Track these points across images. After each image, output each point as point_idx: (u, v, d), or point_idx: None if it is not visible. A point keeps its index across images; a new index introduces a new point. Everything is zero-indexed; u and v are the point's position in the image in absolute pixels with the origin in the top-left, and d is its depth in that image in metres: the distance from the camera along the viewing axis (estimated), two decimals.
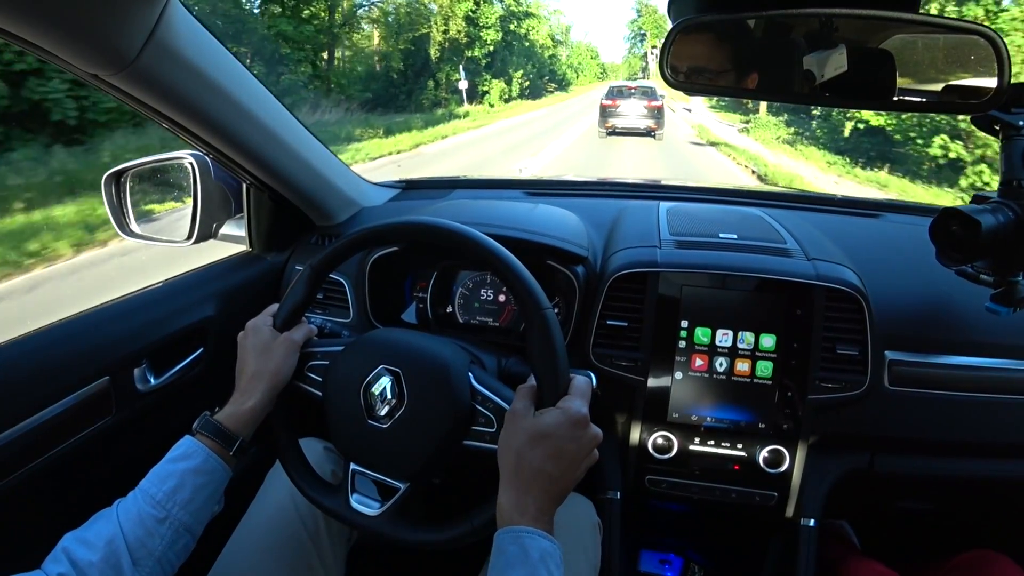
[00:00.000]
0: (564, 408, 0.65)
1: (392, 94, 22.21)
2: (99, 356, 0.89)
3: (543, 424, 0.64)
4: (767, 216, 1.18)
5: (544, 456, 0.63)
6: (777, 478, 0.98)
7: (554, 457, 0.63)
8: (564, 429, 0.64)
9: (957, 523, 1.34)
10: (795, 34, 0.76)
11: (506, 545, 0.60)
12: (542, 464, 0.63)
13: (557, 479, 0.63)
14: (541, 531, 0.61)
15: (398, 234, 0.78)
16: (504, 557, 0.59)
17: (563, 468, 0.63)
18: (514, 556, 0.59)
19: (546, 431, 0.64)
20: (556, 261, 1.05)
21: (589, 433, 0.65)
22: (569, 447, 0.64)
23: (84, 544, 0.60)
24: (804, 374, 0.94)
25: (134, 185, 1.20)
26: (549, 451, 0.63)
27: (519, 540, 0.60)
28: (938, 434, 1.01)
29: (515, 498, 0.63)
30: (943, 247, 0.80)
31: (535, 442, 0.63)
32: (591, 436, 0.66)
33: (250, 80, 0.93)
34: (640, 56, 75.79)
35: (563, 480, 0.64)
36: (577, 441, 0.64)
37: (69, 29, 0.64)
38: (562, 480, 0.64)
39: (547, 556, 0.59)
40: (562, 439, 0.63)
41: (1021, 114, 0.78)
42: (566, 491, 0.65)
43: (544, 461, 0.63)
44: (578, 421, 0.64)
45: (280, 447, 0.79)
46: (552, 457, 0.63)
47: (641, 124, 13.69)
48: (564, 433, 0.64)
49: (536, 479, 0.63)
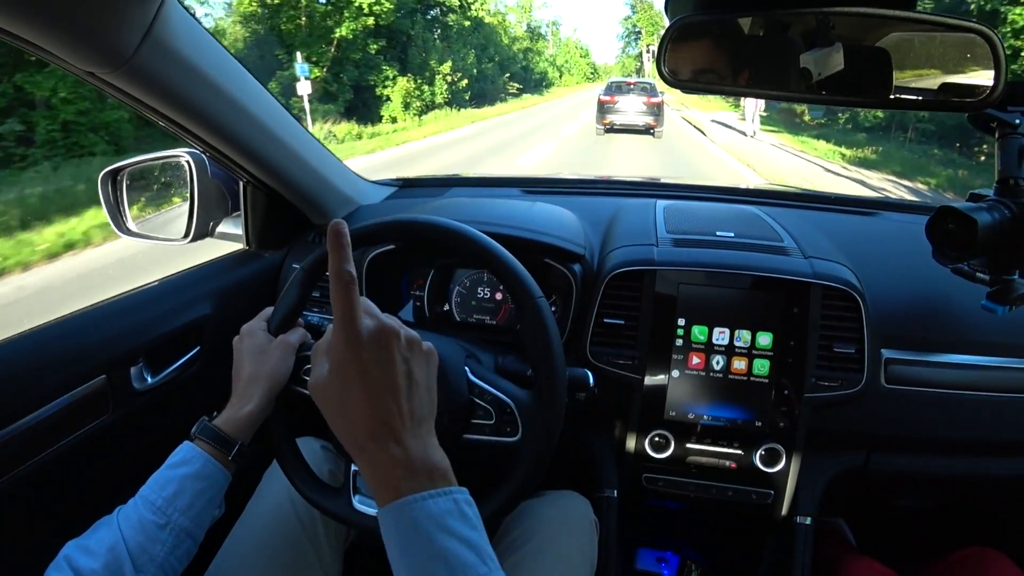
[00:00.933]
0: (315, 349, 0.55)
1: None
2: (95, 354, 0.89)
3: (326, 379, 0.53)
4: (764, 214, 1.18)
5: (352, 399, 0.52)
6: (773, 476, 0.98)
7: (336, 400, 0.53)
8: (327, 362, 0.53)
9: (953, 521, 1.34)
10: (792, 32, 0.76)
11: (391, 528, 0.49)
12: (336, 416, 0.53)
13: (356, 415, 0.51)
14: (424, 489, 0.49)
15: (388, 232, 0.78)
16: (394, 543, 0.49)
17: (350, 399, 0.52)
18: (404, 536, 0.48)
19: (316, 384, 0.54)
20: (553, 259, 1.05)
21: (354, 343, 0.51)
22: (335, 380, 0.52)
23: (86, 552, 0.60)
24: (801, 372, 0.94)
25: (131, 183, 1.19)
26: (329, 398, 0.53)
27: (402, 515, 0.48)
28: (934, 432, 1.01)
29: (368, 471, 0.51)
30: (940, 245, 0.81)
31: (330, 400, 0.53)
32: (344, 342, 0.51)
33: (247, 78, 0.93)
34: (635, 56, 73.21)
35: (362, 410, 0.51)
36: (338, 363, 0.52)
37: (65, 27, 0.63)
38: (360, 410, 0.51)
39: (443, 516, 0.48)
40: (331, 374, 0.53)
41: (1017, 112, 0.78)
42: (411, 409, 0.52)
43: (356, 403, 0.52)
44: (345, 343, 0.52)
45: (279, 452, 0.79)
46: (340, 393, 0.52)
47: (640, 121, 13.53)
48: (330, 366, 0.53)
49: (343, 431, 0.53)
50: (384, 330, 0.53)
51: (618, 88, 13.96)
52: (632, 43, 75.83)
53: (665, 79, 0.76)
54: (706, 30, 0.78)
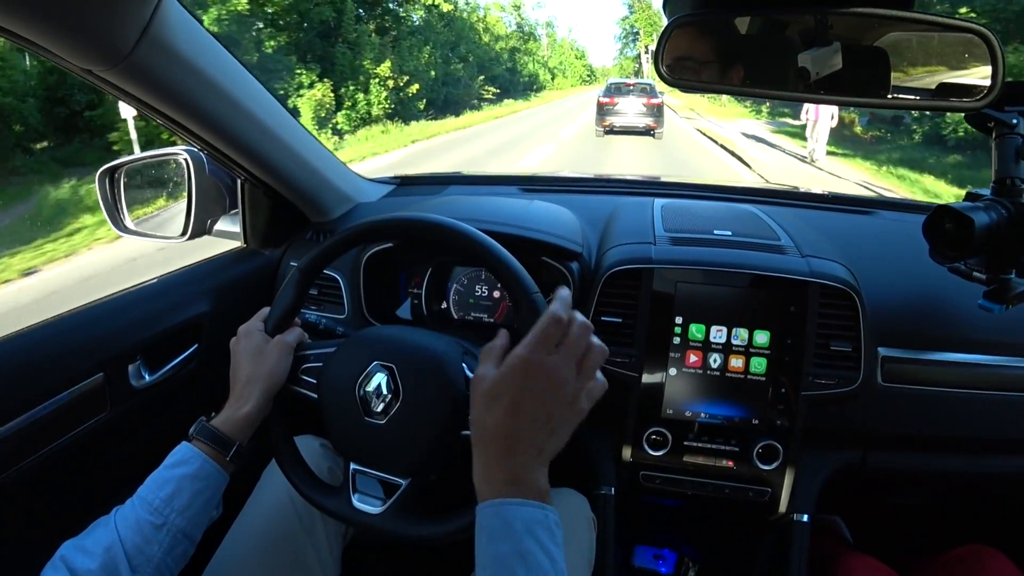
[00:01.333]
0: (508, 359, 0.59)
1: None
2: (93, 352, 0.89)
3: (490, 383, 0.59)
4: (761, 213, 1.18)
5: (499, 416, 0.57)
6: (770, 474, 0.98)
7: (510, 413, 0.57)
8: (513, 380, 0.58)
9: (950, 518, 1.35)
10: (790, 31, 0.76)
11: (486, 520, 0.55)
12: (498, 425, 0.57)
13: (521, 435, 0.57)
14: (525, 499, 0.55)
15: (385, 230, 0.78)
16: (485, 533, 0.55)
17: (524, 422, 0.57)
18: (496, 530, 0.54)
19: (494, 390, 0.58)
20: (551, 257, 1.05)
21: (545, 374, 0.58)
22: (523, 397, 0.57)
23: (82, 552, 0.60)
24: (798, 370, 0.95)
25: (128, 181, 1.19)
26: (503, 409, 0.57)
27: (500, 512, 0.55)
28: (931, 430, 1.02)
29: (483, 469, 0.58)
30: (936, 244, 0.81)
31: (487, 404, 0.58)
32: (548, 377, 0.58)
33: (245, 76, 0.93)
34: (633, 58, 70.26)
35: (530, 434, 0.57)
36: (530, 390, 0.57)
37: (63, 24, 0.63)
38: (529, 434, 0.57)
39: (535, 525, 0.54)
40: (514, 390, 0.58)
41: (1014, 112, 0.79)
42: (543, 444, 0.58)
43: (500, 421, 0.57)
44: (526, 367, 0.58)
45: (278, 451, 0.79)
46: (508, 414, 0.57)
47: (640, 122, 13.49)
48: (514, 383, 0.58)
49: (496, 442, 0.58)
50: (599, 387, 0.64)
51: (617, 89, 13.95)
52: (630, 44, 73.75)
53: (663, 78, 0.76)
54: (704, 29, 0.78)
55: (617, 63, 77.06)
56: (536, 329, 0.59)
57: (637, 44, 68.59)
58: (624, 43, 75.59)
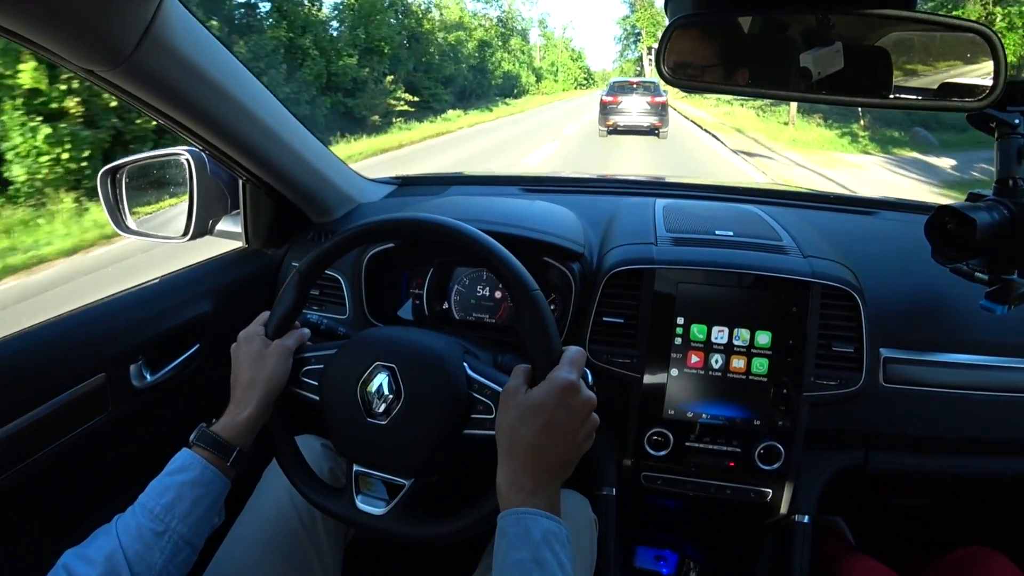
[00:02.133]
0: (551, 378, 0.64)
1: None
2: (94, 352, 0.89)
3: (532, 398, 0.63)
4: (763, 213, 1.18)
5: (535, 430, 0.62)
6: (772, 475, 0.98)
7: (546, 429, 0.62)
8: (553, 399, 0.63)
9: (952, 520, 1.34)
10: (791, 31, 0.76)
11: (508, 527, 0.59)
12: (534, 438, 0.62)
13: (552, 450, 0.62)
14: (544, 511, 0.60)
15: (386, 230, 0.78)
16: (506, 539, 0.59)
17: (557, 439, 0.62)
18: (516, 537, 0.58)
19: (535, 405, 0.63)
20: (552, 257, 1.05)
21: (580, 399, 0.64)
22: (559, 416, 0.63)
23: (84, 560, 0.60)
24: (799, 371, 0.94)
25: (130, 181, 1.19)
26: (540, 424, 0.62)
27: (521, 521, 0.59)
28: (933, 431, 1.02)
29: (511, 475, 0.62)
30: (939, 245, 0.81)
31: (525, 417, 0.63)
32: (582, 402, 0.64)
33: (246, 76, 0.93)
34: (634, 60, 64.69)
35: (559, 451, 0.63)
36: (568, 409, 0.63)
37: (65, 25, 0.63)
38: (557, 451, 0.63)
39: (551, 537, 0.58)
40: (552, 409, 0.63)
41: (1016, 112, 0.79)
42: (566, 462, 0.64)
43: (536, 435, 0.62)
44: (566, 389, 0.63)
45: (280, 453, 0.79)
46: (544, 430, 0.62)
47: (644, 121, 13.35)
48: (553, 402, 0.63)
49: (529, 453, 0.62)
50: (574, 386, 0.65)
51: (621, 88, 13.81)
52: (631, 46, 66.98)
53: (664, 78, 0.76)
54: (706, 29, 0.78)
55: (618, 66, 71.35)
56: (575, 358, 0.66)
57: (639, 45, 63.32)
58: (624, 44, 69.69)
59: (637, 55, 63.48)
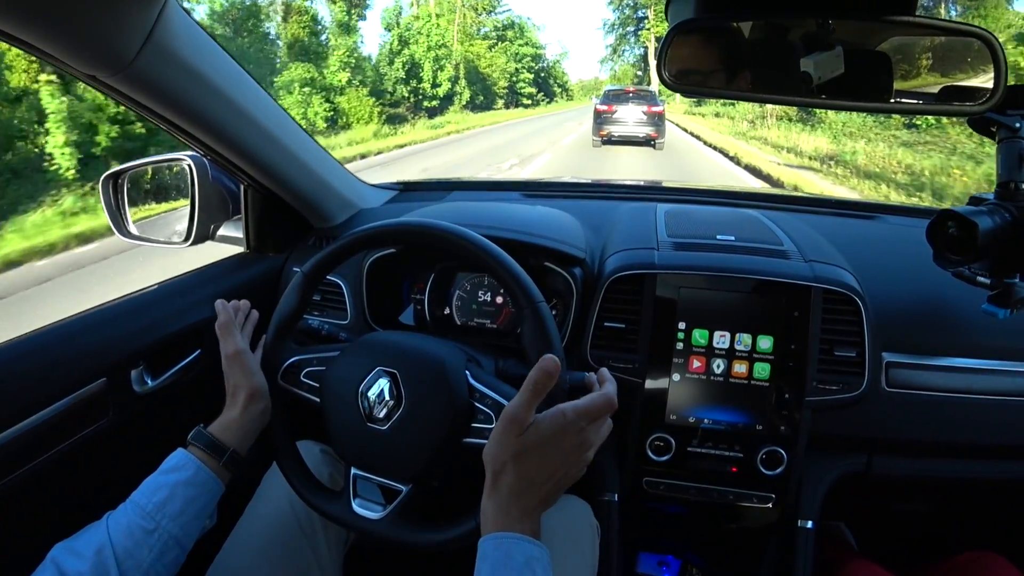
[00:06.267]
0: (556, 413, 0.62)
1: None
2: (96, 357, 0.89)
3: (531, 438, 0.61)
4: (764, 218, 1.18)
5: (530, 468, 0.61)
6: (774, 480, 0.97)
7: (538, 464, 0.61)
8: (548, 434, 0.61)
9: (955, 525, 1.34)
10: (792, 36, 0.76)
11: (489, 551, 0.59)
12: (524, 469, 0.61)
13: (541, 484, 0.61)
14: (526, 536, 0.59)
15: (388, 236, 0.78)
16: (487, 563, 0.58)
17: (549, 473, 0.62)
18: (497, 562, 0.58)
19: (534, 445, 0.61)
20: (553, 263, 1.05)
21: (578, 440, 0.63)
22: (552, 452, 0.62)
23: (73, 554, 0.61)
24: (801, 376, 0.94)
25: (132, 187, 1.19)
26: (533, 459, 0.61)
27: (501, 545, 0.59)
28: (936, 436, 1.01)
29: (497, 504, 0.61)
30: (940, 249, 0.80)
31: (522, 457, 0.61)
32: (579, 441, 0.63)
33: (248, 82, 0.93)
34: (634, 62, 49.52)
35: (549, 484, 0.62)
36: (560, 449, 0.62)
37: (67, 30, 0.64)
38: (548, 484, 0.62)
39: (532, 561, 0.58)
40: (546, 444, 0.61)
41: (1017, 116, 0.78)
42: (555, 495, 0.63)
43: (525, 467, 0.61)
44: (565, 428, 0.62)
45: (280, 456, 0.79)
46: (536, 464, 0.61)
47: (640, 132, 12.96)
48: (547, 438, 0.61)
49: (517, 481, 0.61)
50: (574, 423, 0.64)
51: (615, 97, 13.48)
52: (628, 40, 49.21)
53: (666, 84, 0.76)
54: (707, 34, 0.78)
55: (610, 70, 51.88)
56: (590, 403, 0.63)
57: (642, 35, 46.77)
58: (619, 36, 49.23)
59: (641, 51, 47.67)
